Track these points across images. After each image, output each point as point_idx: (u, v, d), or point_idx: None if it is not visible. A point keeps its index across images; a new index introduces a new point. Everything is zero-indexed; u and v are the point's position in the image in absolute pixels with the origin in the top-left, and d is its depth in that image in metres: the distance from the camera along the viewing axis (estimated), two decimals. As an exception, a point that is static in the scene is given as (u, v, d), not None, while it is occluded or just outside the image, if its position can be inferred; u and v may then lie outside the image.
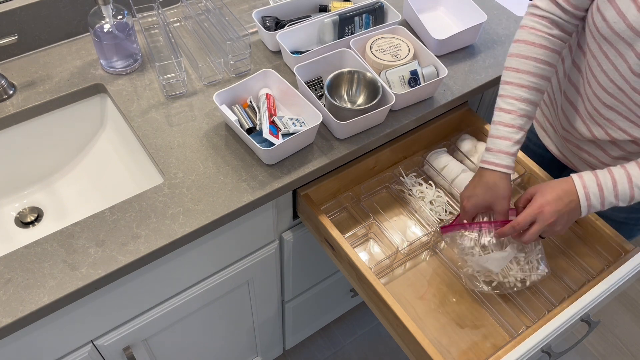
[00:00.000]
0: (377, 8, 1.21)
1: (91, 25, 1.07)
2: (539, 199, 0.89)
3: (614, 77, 0.89)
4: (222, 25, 1.18)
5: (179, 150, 1.02)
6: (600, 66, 0.91)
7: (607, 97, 0.92)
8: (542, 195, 0.90)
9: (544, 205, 0.88)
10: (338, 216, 1.12)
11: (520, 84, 0.93)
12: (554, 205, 0.88)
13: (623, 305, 1.93)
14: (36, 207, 1.11)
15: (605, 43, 0.88)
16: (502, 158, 0.93)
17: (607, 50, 0.88)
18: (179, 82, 1.13)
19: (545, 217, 0.88)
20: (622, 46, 0.85)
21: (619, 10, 0.82)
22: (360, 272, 0.96)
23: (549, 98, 1.12)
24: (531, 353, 0.87)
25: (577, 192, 0.88)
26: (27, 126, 1.09)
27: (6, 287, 0.83)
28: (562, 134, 1.08)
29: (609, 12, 0.84)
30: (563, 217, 0.89)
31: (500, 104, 0.94)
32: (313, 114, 1.02)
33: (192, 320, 1.18)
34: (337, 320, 1.82)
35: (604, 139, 0.98)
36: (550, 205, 0.88)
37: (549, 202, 0.88)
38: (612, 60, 0.88)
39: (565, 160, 1.14)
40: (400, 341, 0.95)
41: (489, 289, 0.98)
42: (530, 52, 0.93)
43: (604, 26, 0.86)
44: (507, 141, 0.93)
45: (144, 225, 0.91)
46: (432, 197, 1.12)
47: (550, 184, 0.91)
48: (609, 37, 0.86)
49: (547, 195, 0.89)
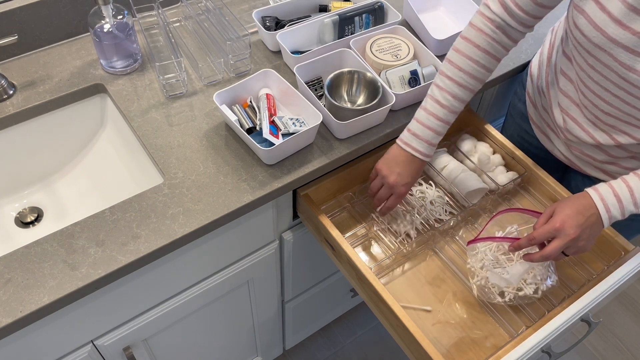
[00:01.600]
0: (377, 8, 1.21)
1: (91, 25, 1.07)
2: (559, 214, 0.88)
3: (607, 85, 0.89)
4: (222, 25, 1.18)
5: (179, 150, 1.02)
6: (591, 78, 0.91)
7: (604, 105, 0.92)
8: (562, 210, 0.88)
9: (564, 220, 0.86)
10: (338, 216, 1.12)
11: (458, 82, 0.96)
12: (575, 220, 0.86)
13: (623, 305, 1.93)
14: (36, 207, 1.11)
15: (589, 56, 0.88)
16: (426, 147, 0.99)
17: (592, 63, 0.88)
18: (179, 82, 1.13)
19: (566, 232, 0.86)
20: (606, 57, 0.85)
21: (595, 24, 0.83)
22: (360, 272, 0.96)
23: (542, 106, 1.12)
24: (531, 353, 0.87)
25: (595, 205, 0.87)
26: (27, 126, 1.09)
27: (6, 287, 0.83)
28: (565, 140, 1.08)
29: (586, 27, 0.84)
30: (585, 231, 0.87)
31: (437, 95, 0.97)
32: (313, 114, 1.02)
33: (192, 320, 1.18)
34: (337, 320, 1.82)
35: (609, 144, 0.98)
36: (571, 219, 0.86)
37: (569, 216, 0.86)
38: (600, 71, 0.88)
39: (570, 163, 1.13)
40: (400, 341, 0.95)
41: (502, 300, 0.97)
42: (473, 54, 0.94)
43: (584, 41, 0.86)
44: (434, 133, 0.98)
45: (144, 225, 0.91)
46: (432, 197, 1.12)
47: (567, 200, 0.89)
48: (591, 50, 0.86)
49: (566, 210, 0.87)
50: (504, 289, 0.96)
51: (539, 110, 1.15)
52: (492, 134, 1.20)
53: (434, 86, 0.98)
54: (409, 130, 1.00)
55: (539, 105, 1.14)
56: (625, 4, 0.78)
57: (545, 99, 1.09)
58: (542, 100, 1.11)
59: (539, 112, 1.15)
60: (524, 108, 1.21)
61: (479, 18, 0.94)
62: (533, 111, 1.17)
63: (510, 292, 0.96)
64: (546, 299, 1.00)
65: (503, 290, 0.96)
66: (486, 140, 1.21)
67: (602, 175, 1.09)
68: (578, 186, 1.17)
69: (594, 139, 0.99)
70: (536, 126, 1.18)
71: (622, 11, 0.79)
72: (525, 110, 1.20)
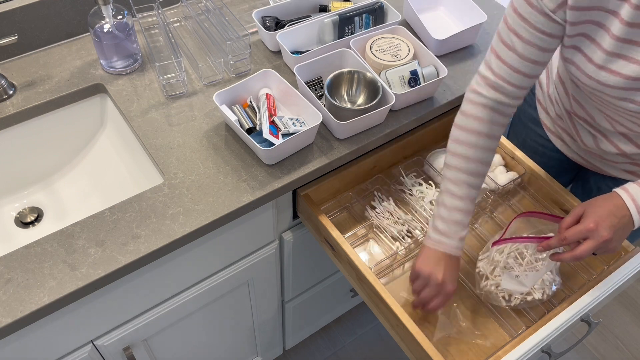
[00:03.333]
0: (377, 8, 1.21)
1: (91, 25, 1.07)
2: (592, 216, 0.85)
3: (614, 115, 0.90)
4: (222, 25, 1.18)
5: (179, 150, 1.02)
6: (603, 112, 0.92)
7: (619, 126, 0.93)
8: (594, 211, 0.86)
9: (598, 222, 0.84)
10: (338, 216, 1.12)
11: (469, 171, 0.93)
12: (608, 221, 0.84)
13: (623, 305, 1.93)
14: (36, 207, 1.11)
15: (593, 95, 0.89)
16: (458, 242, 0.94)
17: (596, 100, 0.90)
18: (179, 82, 1.13)
19: (600, 234, 0.84)
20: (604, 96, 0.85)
21: (587, 74, 0.83)
22: (360, 272, 0.96)
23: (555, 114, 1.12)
24: (531, 353, 0.87)
25: (627, 207, 0.86)
26: (27, 126, 1.09)
27: (6, 287, 0.83)
28: (585, 148, 1.07)
29: (579, 76, 0.85)
30: (618, 232, 0.85)
31: (454, 189, 0.93)
32: (313, 114, 1.02)
33: (192, 320, 1.18)
34: (337, 320, 1.82)
35: (634, 152, 0.97)
36: (604, 221, 0.84)
37: (602, 217, 0.84)
38: (606, 105, 0.89)
39: (591, 166, 1.13)
40: (400, 341, 0.95)
41: (508, 305, 0.97)
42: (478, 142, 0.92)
43: (583, 86, 0.87)
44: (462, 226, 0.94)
45: (144, 225, 0.91)
46: (432, 197, 1.12)
47: (597, 201, 0.87)
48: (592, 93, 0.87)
49: (599, 211, 0.86)
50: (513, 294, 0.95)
51: (552, 117, 1.14)
52: (492, 134, 1.19)
53: (447, 181, 0.95)
54: (436, 229, 0.95)
55: (552, 112, 1.13)
56: (605, 52, 0.80)
57: (559, 107, 1.09)
58: (555, 108, 1.11)
59: (551, 118, 1.15)
60: (535, 114, 1.21)
61: (472, 106, 0.92)
62: (545, 117, 1.17)
63: (518, 297, 0.96)
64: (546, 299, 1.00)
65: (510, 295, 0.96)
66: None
67: (624, 175, 1.08)
68: (598, 183, 1.16)
69: (618, 149, 0.99)
70: (550, 131, 1.18)
71: (605, 59, 0.80)
72: (537, 116, 1.20)
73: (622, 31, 0.76)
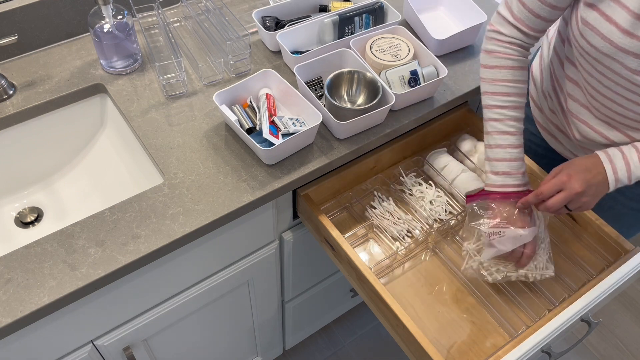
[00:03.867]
0: (377, 8, 1.21)
1: (91, 25, 1.07)
2: (566, 169, 0.90)
3: (618, 90, 0.89)
4: (222, 25, 1.18)
5: (179, 150, 1.02)
6: (601, 83, 0.91)
7: (617, 107, 0.92)
8: (569, 166, 0.90)
9: (571, 175, 0.89)
10: (338, 216, 1.12)
11: (513, 105, 0.96)
12: (582, 175, 0.88)
13: (623, 305, 1.93)
14: (36, 207, 1.11)
15: (597, 64, 0.88)
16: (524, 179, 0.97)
17: (602, 70, 0.88)
18: (179, 82, 1.13)
19: (572, 186, 0.88)
20: (616, 65, 0.85)
21: (603, 35, 0.83)
22: (360, 272, 0.96)
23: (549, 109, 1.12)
24: (531, 353, 0.87)
25: (603, 165, 0.89)
26: (27, 126, 1.09)
27: (6, 287, 0.83)
28: (577, 142, 1.08)
29: (593, 38, 0.84)
30: (591, 187, 0.88)
31: (504, 127, 0.96)
32: (313, 114, 1.02)
33: (192, 320, 1.18)
34: (337, 320, 1.82)
35: (624, 141, 0.98)
36: (578, 174, 0.88)
37: (577, 172, 0.89)
38: (611, 78, 0.88)
39: None
40: (400, 341, 0.95)
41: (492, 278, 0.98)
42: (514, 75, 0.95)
43: (592, 50, 0.86)
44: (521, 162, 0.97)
45: (144, 225, 0.91)
46: (432, 197, 1.12)
47: (575, 160, 0.91)
48: (599, 58, 0.86)
49: (573, 167, 0.90)
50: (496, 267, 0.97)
51: (545, 114, 1.14)
52: (492, 134, 1.19)
53: (493, 122, 0.96)
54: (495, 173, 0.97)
55: (545, 109, 1.14)
56: (630, 13, 0.78)
57: (552, 102, 1.09)
58: (549, 103, 1.11)
59: (545, 115, 1.15)
60: (528, 111, 1.21)
61: (497, 44, 0.95)
62: (539, 114, 1.17)
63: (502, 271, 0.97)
64: (546, 299, 1.00)
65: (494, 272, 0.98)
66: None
67: None
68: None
69: (607, 139, 0.99)
70: (543, 129, 1.18)
71: (628, 21, 0.79)
72: (530, 113, 1.20)
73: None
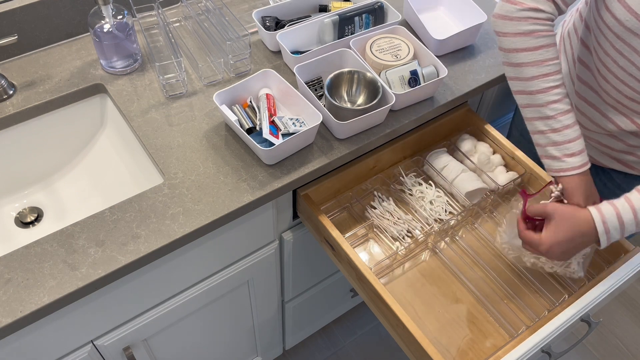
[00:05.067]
0: (377, 8, 1.21)
1: (91, 25, 1.07)
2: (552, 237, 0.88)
3: (633, 71, 0.89)
4: (222, 25, 1.18)
5: (179, 150, 1.02)
6: (617, 63, 0.91)
7: (628, 90, 0.92)
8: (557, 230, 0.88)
9: (552, 246, 0.88)
10: (338, 216, 1.12)
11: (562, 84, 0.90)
12: (563, 247, 0.88)
13: (623, 305, 1.93)
14: (36, 207, 1.11)
15: (617, 40, 0.88)
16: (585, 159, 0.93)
17: (620, 48, 0.88)
18: (179, 82, 1.13)
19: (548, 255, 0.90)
20: (636, 42, 0.85)
21: (630, 8, 0.83)
22: (360, 272, 0.96)
23: None
24: (531, 353, 0.87)
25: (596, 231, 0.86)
26: (27, 126, 1.09)
27: (6, 287, 0.83)
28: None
29: (619, 11, 0.84)
30: (567, 254, 0.90)
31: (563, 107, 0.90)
32: (313, 114, 1.02)
33: (192, 320, 1.18)
34: (337, 320, 1.82)
35: (631, 129, 0.97)
36: (559, 246, 0.88)
37: (560, 243, 0.88)
38: (628, 57, 0.88)
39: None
40: (400, 341, 0.95)
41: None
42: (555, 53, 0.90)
43: (615, 24, 0.86)
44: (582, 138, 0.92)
45: (144, 225, 0.91)
46: (432, 197, 1.12)
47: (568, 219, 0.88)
48: (621, 34, 0.86)
49: (559, 234, 0.88)
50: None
51: None
52: (492, 134, 1.20)
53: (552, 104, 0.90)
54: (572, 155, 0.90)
55: None
56: None
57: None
58: None
59: None
60: None
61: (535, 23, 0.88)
62: None
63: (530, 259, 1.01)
64: (546, 299, 1.00)
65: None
66: (486, 140, 1.22)
67: (617, 166, 1.09)
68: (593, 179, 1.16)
69: (615, 125, 0.99)
70: None
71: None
72: None
73: None
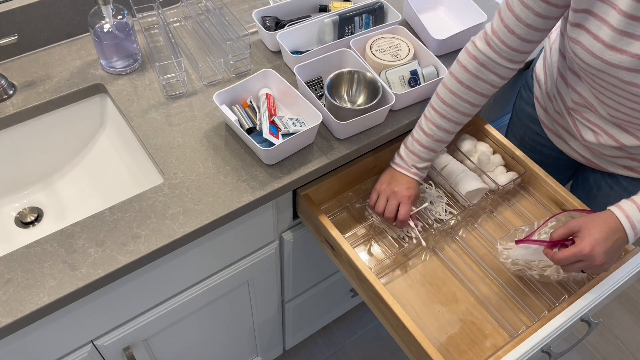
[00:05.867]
0: (377, 8, 1.21)
1: (91, 25, 1.07)
2: (588, 238, 0.85)
3: (621, 100, 0.89)
4: (222, 25, 1.18)
5: (179, 150, 1.02)
6: (603, 94, 0.91)
7: (623, 113, 0.92)
8: (590, 233, 0.85)
9: (594, 247, 0.84)
10: (338, 216, 1.12)
11: (442, 114, 1.00)
12: (604, 246, 0.84)
13: (623, 305, 1.93)
14: (36, 207, 1.11)
15: (595, 77, 0.88)
16: (413, 170, 1.05)
17: (601, 83, 0.89)
18: (179, 82, 1.13)
19: (594, 259, 0.84)
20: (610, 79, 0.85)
21: (593, 53, 0.83)
22: (360, 272, 0.96)
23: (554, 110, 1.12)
24: (531, 353, 0.87)
25: (623, 228, 0.85)
26: (27, 126, 1.09)
27: (6, 287, 0.83)
28: (584, 143, 1.07)
29: (584, 56, 0.85)
30: (611, 255, 0.85)
31: (422, 124, 1.03)
32: (313, 114, 1.02)
33: (192, 320, 1.18)
34: (337, 320, 1.82)
35: (634, 144, 0.97)
36: (599, 246, 0.84)
37: (598, 242, 0.84)
38: (611, 90, 0.88)
39: (590, 163, 1.13)
40: (400, 341, 0.95)
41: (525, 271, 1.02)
42: (456, 89, 0.98)
43: (586, 66, 0.87)
44: (418, 158, 1.04)
45: (144, 225, 0.91)
46: (432, 197, 1.12)
47: (594, 221, 0.87)
48: (595, 73, 0.87)
49: (595, 234, 0.85)
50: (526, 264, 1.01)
51: (551, 115, 1.14)
52: (492, 134, 1.20)
53: (423, 116, 1.04)
54: (398, 153, 1.07)
55: (550, 110, 1.13)
56: (614, 30, 0.79)
57: (558, 104, 1.09)
58: (554, 105, 1.11)
59: (550, 116, 1.14)
60: (533, 112, 1.21)
61: (464, 55, 0.97)
62: (544, 115, 1.17)
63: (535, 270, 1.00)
64: (546, 299, 1.00)
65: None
66: (486, 140, 1.22)
67: (622, 171, 1.08)
68: (597, 182, 1.16)
69: (617, 141, 0.99)
70: (549, 129, 1.18)
71: (613, 37, 0.80)
72: (535, 114, 1.20)
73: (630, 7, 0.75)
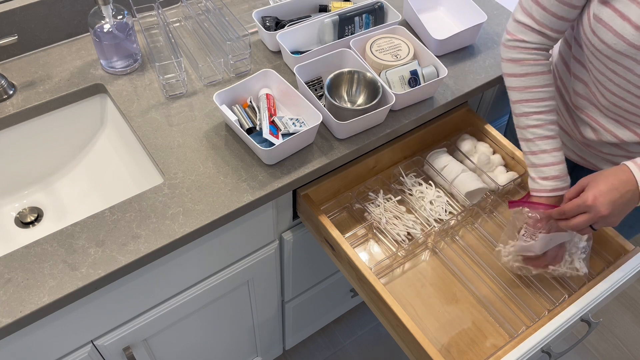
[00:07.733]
0: (377, 8, 1.21)
1: (91, 25, 1.07)
2: (592, 190, 0.83)
3: (629, 88, 0.89)
4: (222, 25, 1.18)
5: (179, 150, 1.02)
6: (612, 81, 0.91)
7: (627, 104, 0.92)
8: (595, 185, 0.84)
9: (597, 197, 0.82)
10: (338, 216, 1.12)
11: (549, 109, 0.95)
12: (608, 196, 0.82)
13: (623, 305, 1.93)
14: (36, 207, 1.11)
15: (609, 62, 0.88)
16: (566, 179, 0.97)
17: (613, 68, 0.88)
18: (179, 82, 1.13)
19: (597, 209, 0.82)
20: (629, 62, 0.85)
21: (616, 32, 0.83)
22: (360, 272, 0.96)
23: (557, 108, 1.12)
24: (531, 353, 0.87)
25: (636, 180, 0.83)
26: (27, 126, 1.09)
27: (6, 287, 0.83)
28: (582, 140, 1.07)
29: (606, 35, 0.84)
30: (618, 207, 0.83)
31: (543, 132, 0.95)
32: (313, 114, 1.02)
33: (192, 320, 1.18)
34: (337, 320, 1.82)
35: (633, 140, 0.97)
36: (603, 196, 0.82)
37: (602, 193, 0.82)
38: (623, 75, 0.88)
39: (585, 162, 1.13)
40: (400, 341, 0.95)
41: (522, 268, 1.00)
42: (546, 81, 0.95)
43: (604, 48, 0.86)
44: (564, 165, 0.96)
45: (144, 225, 0.91)
46: (432, 197, 1.12)
47: (603, 174, 0.85)
48: (612, 56, 0.86)
49: (600, 186, 0.83)
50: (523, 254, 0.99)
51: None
52: (492, 134, 1.20)
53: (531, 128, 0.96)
54: (545, 178, 0.95)
55: None
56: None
57: (558, 101, 1.09)
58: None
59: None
60: None
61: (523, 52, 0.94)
62: None
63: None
64: (546, 299, 1.00)
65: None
66: (486, 140, 1.22)
67: None
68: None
69: (617, 138, 0.99)
70: None
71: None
72: None
73: None
